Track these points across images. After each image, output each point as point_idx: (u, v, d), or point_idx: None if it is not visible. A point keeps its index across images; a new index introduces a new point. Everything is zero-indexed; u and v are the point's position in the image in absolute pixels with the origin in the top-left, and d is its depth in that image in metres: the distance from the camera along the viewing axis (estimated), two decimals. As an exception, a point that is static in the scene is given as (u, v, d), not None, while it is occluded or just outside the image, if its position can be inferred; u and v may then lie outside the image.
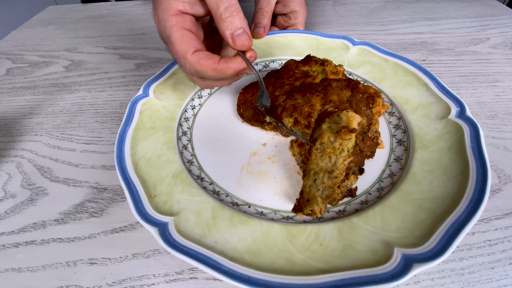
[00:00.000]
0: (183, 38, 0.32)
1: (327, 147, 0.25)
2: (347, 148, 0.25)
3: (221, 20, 0.31)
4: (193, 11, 0.33)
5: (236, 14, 0.31)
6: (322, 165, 0.25)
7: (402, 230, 0.27)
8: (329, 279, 0.23)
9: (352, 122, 0.25)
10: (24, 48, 0.64)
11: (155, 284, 0.27)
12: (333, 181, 0.25)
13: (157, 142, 0.36)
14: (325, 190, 0.25)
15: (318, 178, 0.25)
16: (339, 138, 0.25)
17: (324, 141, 0.25)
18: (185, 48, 0.32)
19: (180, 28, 0.32)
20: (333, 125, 0.25)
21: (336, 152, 0.25)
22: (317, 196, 0.24)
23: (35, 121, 0.45)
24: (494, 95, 0.45)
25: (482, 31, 0.61)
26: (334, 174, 0.25)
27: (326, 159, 0.25)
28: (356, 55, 0.48)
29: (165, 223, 0.27)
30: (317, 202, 0.24)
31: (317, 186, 0.25)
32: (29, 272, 0.28)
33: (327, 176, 0.25)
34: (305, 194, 0.24)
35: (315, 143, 0.25)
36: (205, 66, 0.32)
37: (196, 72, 0.33)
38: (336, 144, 0.25)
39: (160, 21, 0.33)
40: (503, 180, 0.34)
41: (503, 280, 0.26)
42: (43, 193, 0.35)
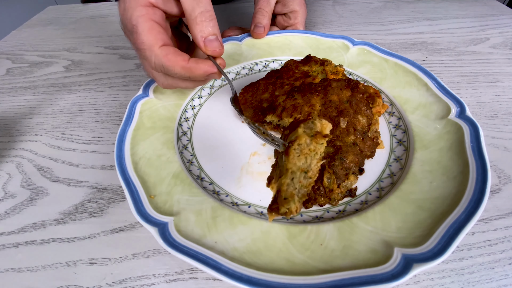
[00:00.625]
0: (151, 30, 0.31)
1: (303, 148, 0.26)
2: (320, 152, 0.26)
3: (195, 23, 0.31)
4: (165, 7, 0.32)
5: (210, 20, 0.31)
6: (299, 165, 0.26)
7: (402, 230, 0.27)
8: (329, 279, 0.23)
9: (326, 129, 0.26)
10: (24, 48, 0.65)
11: (155, 284, 0.27)
12: (308, 181, 0.26)
13: (157, 142, 0.36)
14: (301, 189, 0.25)
15: (295, 177, 0.25)
16: (314, 141, 0.26)
17: (301, 142, 0.26)
18: (153, 39, 0.30)
19: (149, 19, 0.31)
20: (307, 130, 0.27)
21: (311, 154, 0.26)
22: (295, 194, 0.25)
23: (35, 121, 0.45)
24: (494, 95, 0.45)
25: (482, 31, 0.61)
26: (309, 174, 0.26)
27: (303, 159, 0.26)
28: (356, 55, 0.48)
29: (165, 223, 0.27)
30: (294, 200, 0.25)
31: (294, 184, 0.25)
32: (29, 272, 0.28)
33: (303, 175, 0.26)
34: (283, 192, 0.25)
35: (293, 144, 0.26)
36: (173, 62, 0.31)
37: (162, 67, 0.32)
38: (311, 147, 0.26)
39: (127, 9, 0.31)
40: (503, 180, 0.34)
41: (503, 280, 0.26)
42: (43, 193, 0.35)
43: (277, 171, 0.29)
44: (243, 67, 0.50)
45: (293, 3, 0.53)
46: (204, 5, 0.31)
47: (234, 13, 0.73)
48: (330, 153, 0.32)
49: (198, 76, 0.32)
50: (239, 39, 0.52)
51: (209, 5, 0.32)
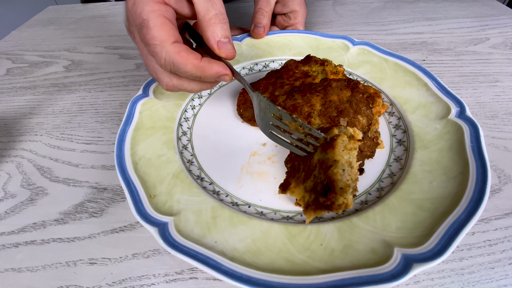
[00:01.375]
0: (164, 25, 0.30)
1: (346, 144, 0.27)
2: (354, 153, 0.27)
3: (209, 24, 0.30)
4: (177, 6, 0.32)
5: (224, 23, 0.31)
6: (346, 158, 0.26)
7: (402, 230, 0.27)
8: (329, 279, 0.23)
9: (358, 135, 0.28)
10: (24, 48, 0.65)
11: (155, 284, 0.27)
12: (355, 175, 0.26)
13: (157, 142, 0.36)
14: (351, 182, 0.25)
15: (345, 169, 0.25)
16: (352, 141, 0.27)
17: (344, 139, 0.27)
18: (165, 35, 0.29)
19: (161, 15, 0.30)
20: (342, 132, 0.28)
21: (351, 152, 0.27)
22: (349, 184, 0.24)
23: (35, 121, 0.45)
24: (494, 95, 0.45)
25: (482, 31, 0.61)
26: (354, 170, 0.26)
27: (347, 154, 0.26)
28: (356, 55, 0.48)
29: (165, 223, 0.27)
30: (349, 192, 0.24)
31: (346, 176, 0.25)
32: (29, 272, 0.28)
33: (349, 169, 0.26)
34: (338, 182, 0.24)
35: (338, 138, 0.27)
36: (186, 59, 0.30)
37: (172, 64, 0.30)
38: (350, 145, 0.27)
39: (137, 3, 0.30)
40: (503, 180, 0.34)
41: (503, 280, 0.26)
42: (43, 193, 0.35)
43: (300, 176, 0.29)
44: (243, 67, 0.50)
45: (293, 3, 0.53)
46: (218, 7, 0.31)
47: (234, 13, 0.73)
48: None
49: (209, 76, 0.32)
50: (239, 39, 0.52)
51: (222, 7, 0.31)
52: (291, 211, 0.31)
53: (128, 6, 0.32)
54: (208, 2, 0.31)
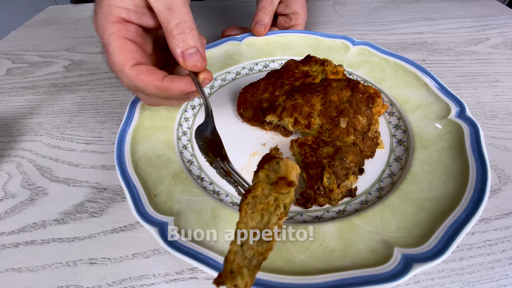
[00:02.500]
0: (122, 49, 0.28)
1: (260, 202, 0.20)
2: (283, 204, 0.21)
3: (172, 37, 0.28)
4: (139, 21, 0.30)
5: (189, 31, 0.28)
6: (253, 225, 0.20)
7: (402, 230, 0.27)
8: (329, 279, 0.23)
9: (291, 174, 0.20)
10: (24, 48, 0.64)
11: (155, 284, 0.27)
12: (264, 245, 0.20)
13: (157, 142, 0.36)
14: (254, 258, 0.20)
15: (246, 243, 0.20)
16: (274, 191, 0.20)
17: (257, 194, 0.20)
18: (123, 60, 0.28)
19: (120, 37, 0.28)
20: (271, 173, 0.21)
21: (270, 209, 0.20)
22: (243, 266, 0.19)
23: (35, 121, 0.45)
24: (494, 95, 0.45)
25: (482, 31, 0.61)
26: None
27: (258, 217, 0.20)
28: (356, 55, 0.48)
29: (165, 223, 0.27)
30: (242, 274, 0.19)
31: (244, 252, 0.20)
32: (29, 272, 0.28)
33: (258, 239, 0.20)
34: (228, 264, 0.19)
35: (247, 196, 0.20)
36: (146, 82, 0.28)
37: (136, 87, 0.29)
38: (270, 199, 0.20)
39: (99, 27, 0.29)
40: (503, 180, 0.34)
41: (503, 280, 0.26)
42: (43, 193, 0.35)
43: None
44: (243, 67, 0.50)
45: (295, 4, 0.53)
46: (179, 15, 0.28)
47: (235, 13, 0.73)
48: (330, 153, 0.32)
49: (175, 96, 0.30)
50: (239, 39, 0.52)
51: (186, 15, 0.29)
52: (291, 211, 0.31)
53: (94, 28, 0.30)
54: (168, 11, 0.28)
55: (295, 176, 0.20)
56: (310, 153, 0.33)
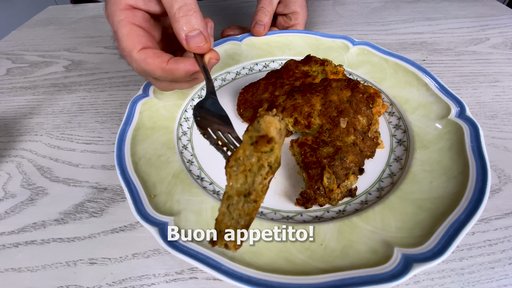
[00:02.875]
0: (130, 34, 0.30)
1: (242, 164, 0.20)
2: (268, 163, 0.20)
3: (175, 20, 0.29)
4: (146, 7, 0.31)
5: (192, 13, 0.29)
6: (237, 187, 0.20)
7: (402, 230, 0.27)
8: (329, 279, 0.23)
9: (269, 130, 0.20)
10: (24, 48, 0.64)
11: (155, 284, 0.27)
12: (250, 206, 0.20)
13: (157, 142, 0.36)
14: (241, 218, 0.20)
15: (232, 204, 0.20)
16: (256, 151, 0.20)
17: (239, 156, 0.20)
18: (131, 44, 0.30)
19: (128, 23, 0.30)
20: (253, 133, 0.20)
21: (253, 170, 0.20)
22: (230, 226, 0.20)
23: (35, 121, 0.45)
24: (494, 95, 0.45)
25: (482, 31, 0.61)
26: (252, 197, 0.20)
27: (242, 179, 0.20)
28: (356, 55, 0.48)
29: (165, 223, 0.27)
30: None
31: (230, 213, 0.20)
32: (29, 272, 0.28)
33: (243, 200, 0.20)
34: (217, 224, 0.20)
35: (230, 160, 0.20)
36: (152, 65, 0.29)
37: (144, 71, 0.31)
38: (253, 160, 0.20)
39: (109, 15, 0.31)
40: (503, 180, 0.34)
41: (503, 280, 0.26)
42: (43, 193, 0.35)
43: None
44: (243, 67, 0.50)
45: (294, 4, 0.54)
46: None
47: (235, 13, 0.73)
48: (330, 153, 0.32)
49: (180, 77, 0.31)
50: (239, 39, 0.52)
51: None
52: (291, 211, 0.31)
53: (106, 17, 0.32)
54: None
55: (275, 132, 0.20)
56: (310, 153, 0.33)
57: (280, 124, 0.20)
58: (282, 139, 0.21)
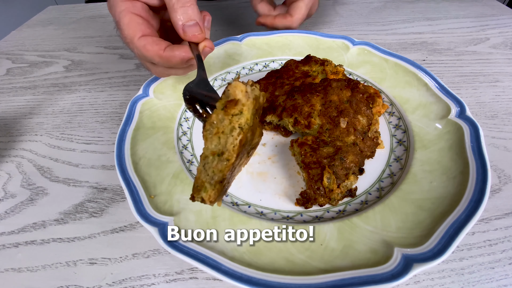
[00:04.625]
0: (130, 23, 0.32)
1: (215, 127, 0.23)
2: (238, 125, 0.22)
3: (173, 10, 0.31)
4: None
5: (189, 5, 0.31)
6: (211, 148, 0.23)
7: (402, 230, 0.27)
8: (329, 279, 0.23)
9: (235, 92, 0.22)
10: (24, 48, 0.64)
11: (155, 284, 0.27)
12: (223, 164, 0.23)
13: (157, 142, 0.36)
14: (214, 174, 0.23)
15: (207, 162, 0.23)
16: (226, 115, 0.22)
17: (212, 120, 0.23)
18: (132, 32, 0.32)
19: (129, 13, 0.32)
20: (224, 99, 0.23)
21: (226, 132, 0.23)
22: (205, 182, 0.23)
23: (35, 121, 0.45)
24: (494, 95, 0.45)
25: (482, 31, 0.61)
26: (225, 156, 0.23)
27: (216, 140, 0.23)
28: (356, 55, 0.48)
29: (165, 223, 0.27)
30: (206, 188, 0.23)
31: (206, 171, 0.23)
32: (29, 272, 0.28)
33: (216, 159, 0.23)
34: (195, 181, 0.23)
35: (205, 125, 0.23)
36: (151, 52, 0.31)
37: (144, 57, 0.33)
38: (225, 123, 0.23)
39: (112, 6, 0.33)
40: (503, 180, 0.34)
41: (503, 280, 0.26)
42: (43, 193, 0.35)
43: None
44: (243, 67, 0.50)
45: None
46: None
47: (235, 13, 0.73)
48: (330, 153, 0.32)
49: (176, 64, 0.32)
50: (239, 39, 0.52)
51: None
52: (291, 211, 0.31)
53: (108, 9, 0.34)
54: None
55: (241, 94, 0.22)
56: (310, 153, 0.33)
57: (245, 87, 0.22)
58: (250, 101, 0.23)
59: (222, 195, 0.24)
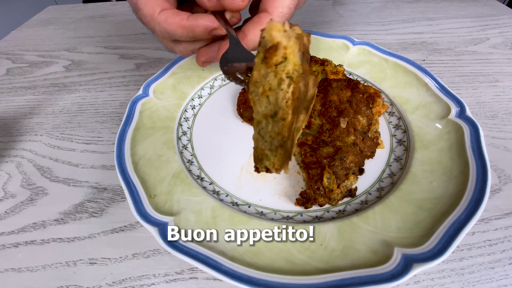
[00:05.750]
0: (148, 1, 0.30)
1: (260, 86, 0.19)
2: (286, 74, 0.19)
3: None
4: None
5: None
6: (262, 111, 0.20)
7: (402, 230, 0.27)
8: (329, 279, 0.23)
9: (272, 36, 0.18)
10: (24, 48, 0.64)
11: (155, 284, 0.27)
12: (280, 125, 0.20)
13: (157, 142, 0.36)
14: (273, 139, 0.20)
15: (262, 128, 0.20)
16: (268, 67, 0.19)
17: (255, 79, 0.19)
18: (151, 9, 0.30)
19: None
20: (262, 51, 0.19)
21: (273, 87, 0.19)
22: (265, 149, 0.21)
23: (35, 121, 0.45)
24: (494, 95, 0.45)
25: (482, 31, 0.61)
26: (279, 115, 0.19)
27: (265, 101, 0.19)
28: (356, 55, 0.48)
29: (165, 223, 0.27)
30: (267, 156, 0.21)
31: (262, 137, 0.20)
32: (29, 272, 0.28)
33: (271, 122, 0.20)
34: (254, 152, 0.21)
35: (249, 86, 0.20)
36: (173, 25, 0.29)
37: (167, 33, 0.30)
38: (270, 77, 0.19)
39: None
40: (503, 180, 0.34)
41: (503, 280, 0.26)
42: (43, 193, 0.35)
43: None
44: (243, 67, 0.50)
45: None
46: None
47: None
48: (330, 153, 0.32)
49: (200, 34, 0.30)
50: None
51: None
52: (291, 211, 0.31)
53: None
54: None
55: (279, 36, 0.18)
56: (310, 153, 0.33)
57: (284, 26, 0.18)
58: (293, 41, 0.18)
59: (287, 159, 0.22)
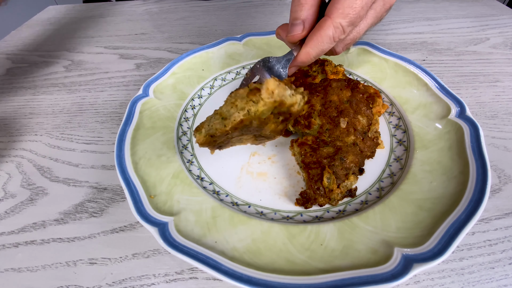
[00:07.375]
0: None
1: (234, 98, 0.26)
2: (248, 109, 0.25)
3: None
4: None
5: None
6: (222, 110, 0.27)
7: (402, 230, 0.27)
8: (329, 279, 0.23)
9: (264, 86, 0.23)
10: (24, 48, 0.64)
11: (155, 284, 0.27)
12: (221, 125, 0.26)
13: (157, 142, 0.36)
14: (210, 128, 0.27)
15: (213, 117, 0.27)
16: (247, 95, 0.25)
17: (237, 93, 0.26)
18: None
19: None
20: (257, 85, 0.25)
21: (238, 107, 0.25)
22: (203, 127, 0.28)
23: (35, 121, 0.45)
24: (494, 95, 0.45)
25: (482, 31, 0.61)
26: (225, 121, 0.26)
27: (229, 106, 0.26)
28: (356, 55, 0.48)
29: (165, 223, 0.27)
30: (201, 132, 0.28)
31: (209, 121, 0.28)
32: (29, 272, 0.28)
33: (219, 119, 0.27)
34: (200, 123, 0.28)
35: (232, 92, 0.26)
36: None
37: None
38: (242, 101, 0.25)
39: None
40: (503, 180, 0.34)
41: (503, 280, 0.26)
42: (43, 193, 0.35)
43: None
44: (243, 67, 0.50)
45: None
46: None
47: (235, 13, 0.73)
48: (330, 153, 0.32)
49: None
50: (239, 39, 0.52)
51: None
52: (291, 211, 0.31)
53: None
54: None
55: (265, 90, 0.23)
56: (310, 153, 0.33)
57: (276, 88, 0.24)
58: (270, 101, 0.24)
59: (213, 147, 0.30)
